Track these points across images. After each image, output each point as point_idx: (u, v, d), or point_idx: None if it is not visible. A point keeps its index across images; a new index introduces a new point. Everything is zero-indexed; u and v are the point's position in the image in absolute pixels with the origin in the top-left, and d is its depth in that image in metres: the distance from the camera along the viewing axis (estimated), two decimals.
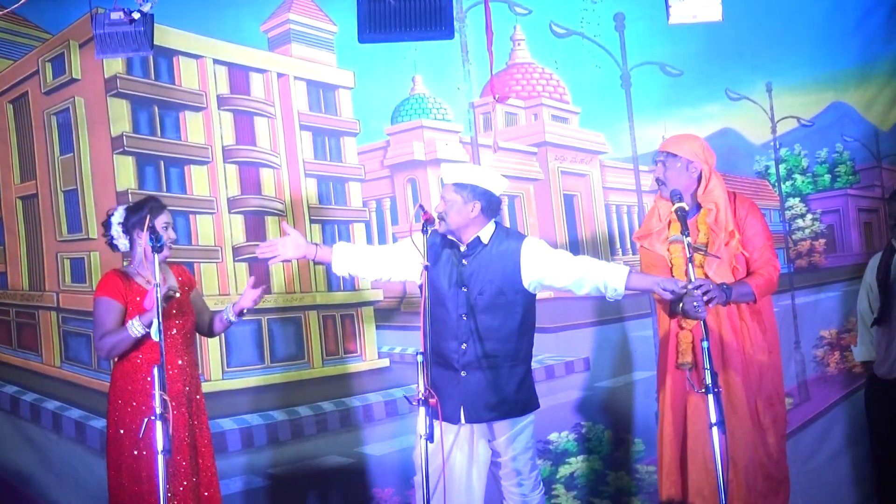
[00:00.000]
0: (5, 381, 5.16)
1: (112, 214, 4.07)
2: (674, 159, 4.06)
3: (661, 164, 4.10)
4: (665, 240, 4.07)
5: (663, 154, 4.11)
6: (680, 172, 4.04)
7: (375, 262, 4.05)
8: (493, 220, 3.96)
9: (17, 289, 5.24)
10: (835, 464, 5.19)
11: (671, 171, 4.06)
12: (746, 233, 4.04)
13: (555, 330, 5.24)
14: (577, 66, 5.32)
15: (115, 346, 3.91)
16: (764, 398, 4.04)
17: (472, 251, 3.92)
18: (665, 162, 4.08)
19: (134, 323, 3.86)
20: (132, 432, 3.89)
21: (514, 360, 3.96)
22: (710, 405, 3.35)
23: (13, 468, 5.04)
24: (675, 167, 4.05)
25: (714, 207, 4.00)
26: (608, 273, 3.85)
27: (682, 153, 4.05)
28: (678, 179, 4.04)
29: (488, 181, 3.93)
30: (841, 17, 5.24)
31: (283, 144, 5.21)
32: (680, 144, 4.09)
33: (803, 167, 5.49)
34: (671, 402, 4.10)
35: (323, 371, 5.19)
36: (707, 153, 4.08)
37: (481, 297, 3.88)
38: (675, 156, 4.05)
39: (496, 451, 4.01)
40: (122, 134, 5.05)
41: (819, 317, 5.39)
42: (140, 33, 4.08)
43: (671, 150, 4.08)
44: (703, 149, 4.08)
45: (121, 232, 4.00)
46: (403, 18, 4.27)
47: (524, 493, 4.02)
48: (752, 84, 5.32)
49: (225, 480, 4.81)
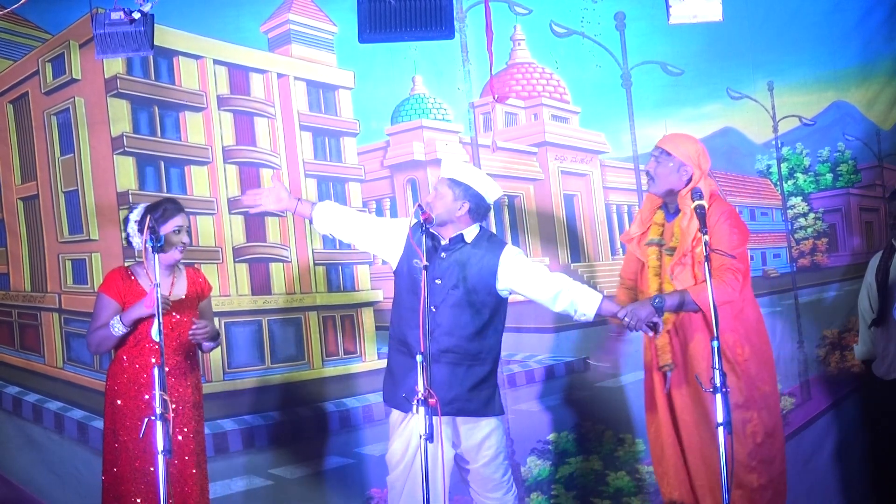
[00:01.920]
0: (8, 381, 5.18)
1: (131, 212, 4.09)
2: (667, 157, 4.05)
3: (654, 159, 4.10)
4: (641, 243, 4.09)
5: (658, 150, 4.10)
6: (671, 172, 4.03)
7: (356, 228, 4.11)
8: (477, 223, 3.99)
9: (19, 290, 5.25)
10: (835, 464, 5.18)
11: (662, 169, 4.05)
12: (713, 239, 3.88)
13: (555, 330, 5.24)
14: (577, 65, 5.31)
15: (101, 342, 4.01)
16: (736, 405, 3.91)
17: (453, 246, 3.95)
18: (658, 158, 4.07)
19: (115, 321, 3.92)
20: (127, 431, 3.92)
21: (474, 359, 3.95)
22: (718, 404, 3.33)
23: (15, 468, 5.06)
24: (667, 166, 4.04)
25: (689, 212, 3.92)
26: (581, 297, 3.90)
27: (676, 153, 4.04)
28: (667, 178, 4.04)
29: (483, 186, 3.97)
30: (842, 16, 5.23)
31: (283, 145, 5.21)
32: (677, 145, 4.08)
33: (805, 166, 5.48)
34: (662, 403, 4.09)
35: (323, 372, 5.19)
36: (702, 158, 4.06)
37: (454, 291, 3.90)
38: (670, 154, 4.05)
39: (465, 458, 4.02)
40: (123, 134, 5.05)
41: (821, 316, 5.38)
42: (140, 33, 4.09)
43: (667, 149, 4.07)
44: (699, 153, 4.06)
45: (136, 230, 4.02)
46: (403, 18, 4.27)
47: (498, 497, 4.03)
48: (753, 83, 5.31)
49: (225, 480, 4.84)
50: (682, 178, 4.03)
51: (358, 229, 4.11)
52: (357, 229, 4.11)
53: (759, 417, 4.00)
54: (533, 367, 5.28)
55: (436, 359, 3.85)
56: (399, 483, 4.01)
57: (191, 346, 4.11)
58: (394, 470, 4.03)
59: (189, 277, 4.16)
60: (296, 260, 5.18)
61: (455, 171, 3.98)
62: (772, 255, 5.51)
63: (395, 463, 4.03)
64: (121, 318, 3.93)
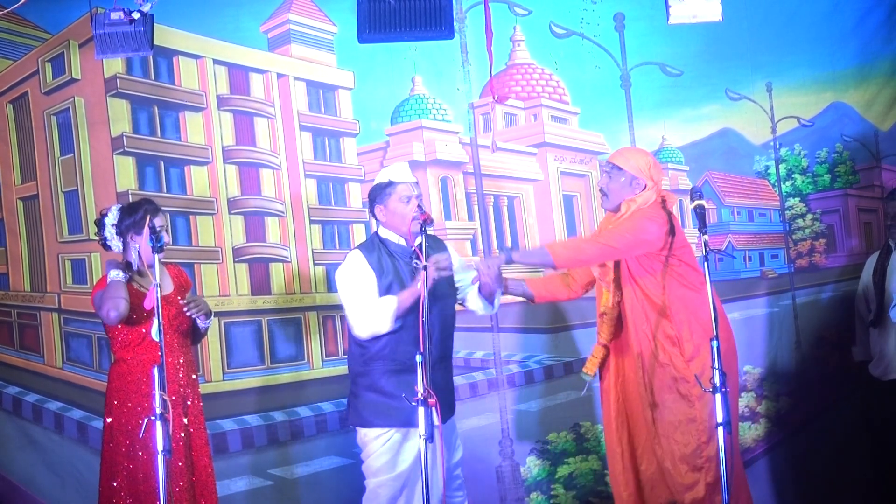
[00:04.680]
0: (7, 381, 5.16)
1: (105, 215, 4.09)
2: (619, 172, 4.03)
3: (605, 174, 4.09)
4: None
5: (609, 165, 4.08)
6: (623, 186, 4.02)
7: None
8: None
9: (18, 290, 5.24)
10: (835, 464, 5.18)
11: (614, 184, 4.04)
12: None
13: (554, 330, 5.25)
14: (576, 66, 5.32)
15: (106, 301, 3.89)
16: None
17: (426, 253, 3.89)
18: (610, 173, 4.06)
19: (111, 272, 3.93)
20: (128, 433, 3.92)
21: (451, 362, 4.05)
22: (718, 404, 3.33)
23: (15, 469, 5.05)
24: (619, 181, 4.03)
25: (625, 210, 3.98)
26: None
27: (627, 167, 4.02)
28: (620, 193, 4.02)
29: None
30: (840, 18, 5.25)
31: (282, 145, 5.21)
32: (627, 158, 4.06)
33: (803, 167, 5.49)
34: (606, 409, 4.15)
35: (323, 371, 5.19)
36: (653, 169, 4.04)
37: (439, 300, 3.86)
38: (621, 169, 4.03)
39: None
40: (122, 134, 5.05)
41: (819, 316, 5.39)
42: (140, 33, 4.09)
43: (617, 163, 4.05)
44: (650, 165, 4.04)
45: (114, 233, 4.03)
46: (403, 18, 4.28)
47: (461, 495, 4.05)
48: (751, 84, 5.33)
49: (225, 481, 4.83)
50: (634, 191, 4.01)
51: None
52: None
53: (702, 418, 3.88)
54: (532, 367, 5.29)
55: (435, 366, 3.83)
56: (398, 484, 3.96)
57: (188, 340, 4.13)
58: (383, 474, 3.95)
59: (172, 273, 4.19)
60: (295, 260, 5.18)
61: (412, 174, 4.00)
62: (770, 256, 5.52)
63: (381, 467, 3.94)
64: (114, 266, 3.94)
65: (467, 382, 5.16)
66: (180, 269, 4.29)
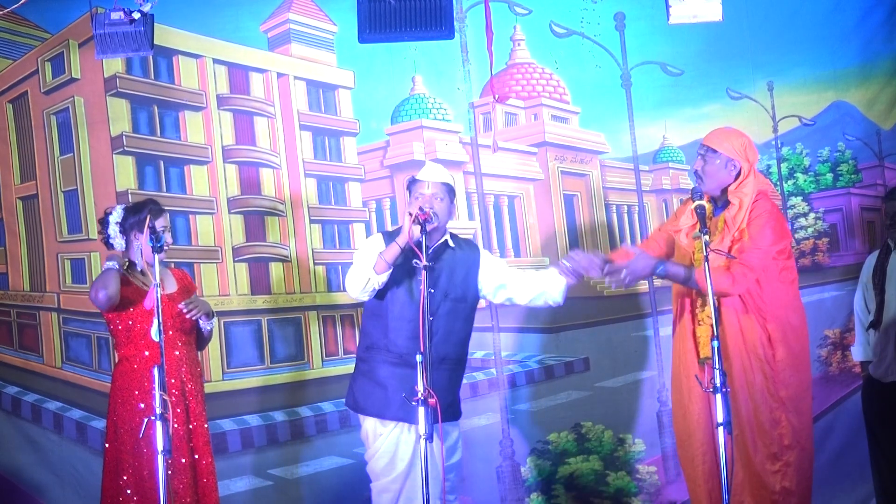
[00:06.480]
0: (6, 381, 5.17)
1: (110, 213, 4.12)
2: (714, 154, 3.94)
3: (700, 157, 4.00)
4: (690, 235, 4.02)
5: (704, 148, 3.99)
6: (718, 169, 3.93)
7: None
8: None
9: (17, 290, 5.24)
10: (835, 464, 5.17)
11: (710, 167, 3.95)
12: (749, 234, 3.89)
13: (555, 330, 5.23)
14: (577, 65, 5.32)
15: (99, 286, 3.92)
16: (763, 403, 3.88)
17: (440, 254, 3.90)
18: (705, 156, 3.97)
19: (106, 262, 3.97)
20: (132, 430, 3.92)
21: (461, 364, 4.02)
22: (718, 404, 3.32)
23: (14, 468, 5.05)
24: (714, 163, 3.94)
25: (737, 204, 3.90)
26: (547, 283, 4.00)
27: (722, 149, 3.93)
28: (716, 176, 3.94)
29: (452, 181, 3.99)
30: (841, 17, 5.24)
31: (282, 144, 5.21)
32: (721, 141, 3.97)
33: (805, 166, 5.48)
34: (698, 401, 3.99)
35: (323, 371, 5.19)
36: (749, 150, 3.96)
37: (446, 299, 3.87)
38: (716, 151, 3.94)
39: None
40: (122, 134, 5.05)
41: (822, 316, 5.37)
42: (140, 33, 4.09)
43: (712, 146, 3.96)
44: (745, 146, 3.96)
45: (118, 232, 4.06)
46: (403, 18, 4.28)
47: (453, 499, 4.04)
48: (753, 83, 5.31)
49: (225, 481, 4.82)
50: (731, 173, 3.93)
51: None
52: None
53: (788, 420, 3.89)
54: (533, 367, 5.28)
55: (435, 366, 3.82)
56: (396, 486, 3.95)
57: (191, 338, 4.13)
58: (384, 477, 3.94)
59: (176, 275, 4.23)
60: (295, 260, 5.18)
61: (443, 175, 3.96)
62: None
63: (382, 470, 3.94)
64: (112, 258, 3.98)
65: (467, 382, 5.14)
66: (185, 273, 4.33)
